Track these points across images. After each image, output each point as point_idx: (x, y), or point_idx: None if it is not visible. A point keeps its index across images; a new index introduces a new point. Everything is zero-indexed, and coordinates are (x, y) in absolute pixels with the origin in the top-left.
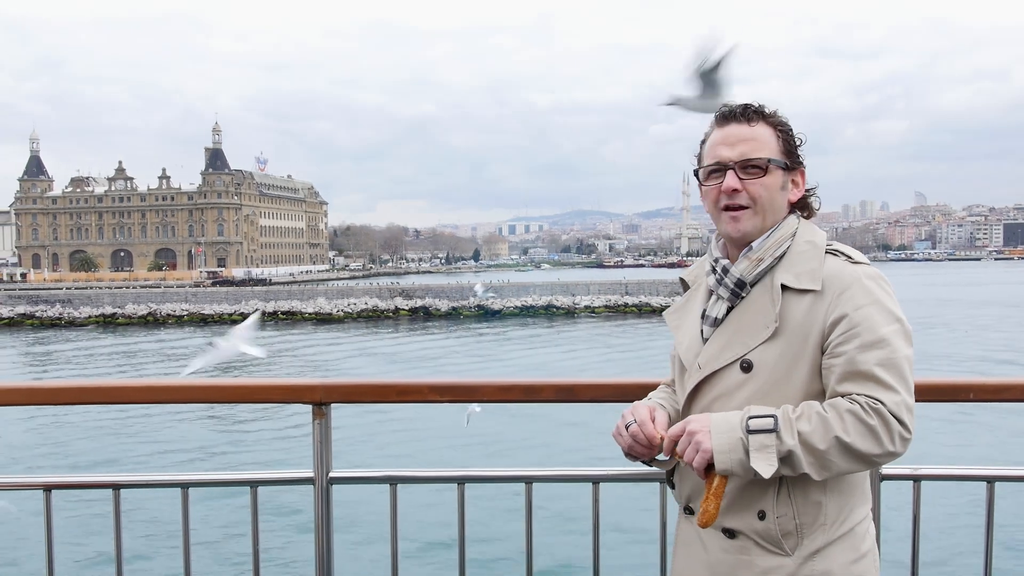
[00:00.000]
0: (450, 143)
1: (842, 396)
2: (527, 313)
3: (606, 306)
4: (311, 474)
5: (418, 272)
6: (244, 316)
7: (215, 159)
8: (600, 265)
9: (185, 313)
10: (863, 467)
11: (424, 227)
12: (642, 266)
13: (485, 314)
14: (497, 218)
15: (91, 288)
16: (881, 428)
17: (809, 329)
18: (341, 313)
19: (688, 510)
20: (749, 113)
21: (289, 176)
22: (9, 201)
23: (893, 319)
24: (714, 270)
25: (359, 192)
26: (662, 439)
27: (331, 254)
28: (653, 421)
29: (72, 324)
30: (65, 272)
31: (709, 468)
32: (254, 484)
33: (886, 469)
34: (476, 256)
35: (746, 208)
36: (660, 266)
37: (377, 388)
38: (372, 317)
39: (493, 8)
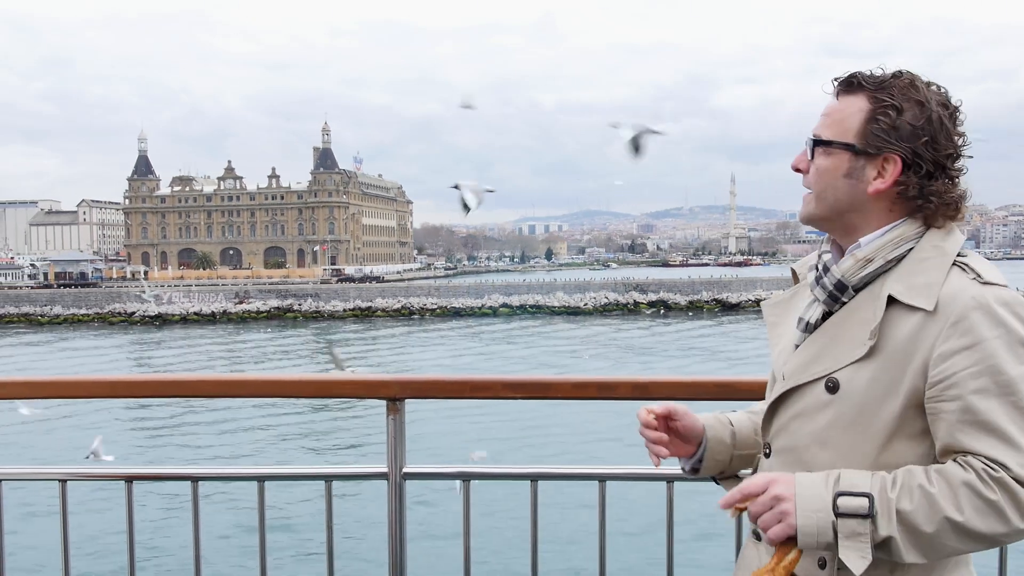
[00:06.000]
0: (455, 143)
1: (955, 454)
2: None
3: None
4: (385, 469)
5: (497, 271)
6: (493, 310)
7: (324, 159)
8: (665, 264)
9: (436, 307)
10: (985, 547)
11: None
12: (706, 265)
13: (724, 308)
14: (502, 218)
15: (342, 284)
16: (1007, 503)
17: (911, 356)
18: (589, 307)
19: (757, 535)
20: (850, 81)
21: (380, 175)
22: (76, 201)
23: None
24: (816, 266)
25: None
26: (657, 417)
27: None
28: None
29: (332, 317)
30: (176, 271)
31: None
32: (328, 478)
33: None
34: (548, 255)
35: (811, 191)
36: (725, 265)
37: (451, 384)
38: (614, 310)
39: (498, 7)
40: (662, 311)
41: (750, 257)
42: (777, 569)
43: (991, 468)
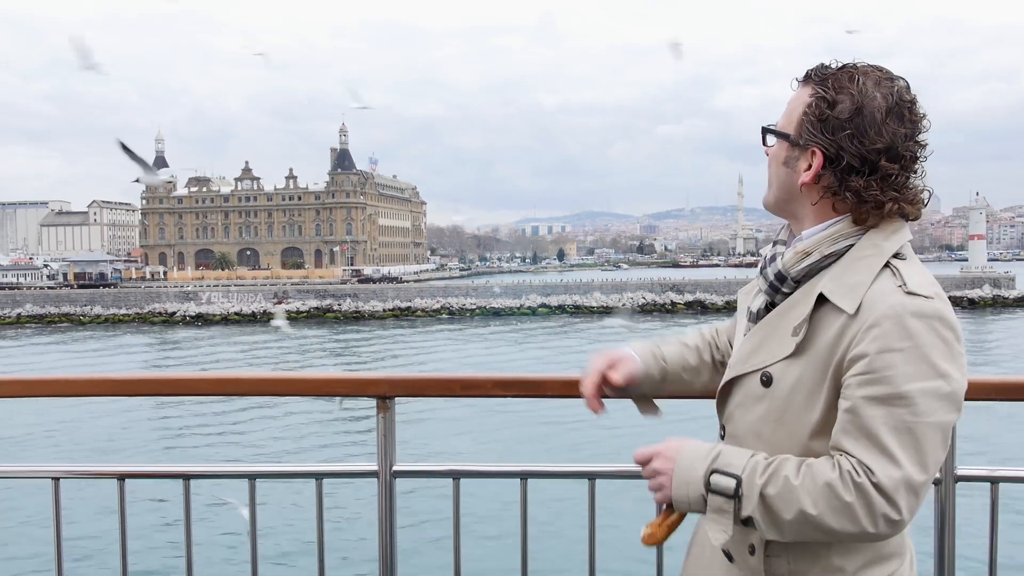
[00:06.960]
0: (456, 144)
1: (837, 452)
2: None
3: None
4: (375, 467)
5: (511, 271)
6: (532, 310)
7: (342, 159)
8: (676, 265)
9: (475, 307)
10: (838, 541)
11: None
12: (716, 266)
13: None
14: (503, 219)
15: (377, 284)
16: (860, 506)
17: (833, 356)
18: (627, 307)
19: None
20: (807, 73)
21: (395, 176)
22: (87, 201)
23: (932, 374)
24: (765, 256)
25: None
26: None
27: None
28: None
29: (373, 317)
30: (195, 271)
31: None
32: (319, 476)
33: (961, 470)
34: (560, 256)
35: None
36: (736, 266)
37: (441, 382)
38: (651, 310)
39: (499, 8)
40: (699, 310)
41: (759, 258)
42: (662, 526)
43: (855, 472)
